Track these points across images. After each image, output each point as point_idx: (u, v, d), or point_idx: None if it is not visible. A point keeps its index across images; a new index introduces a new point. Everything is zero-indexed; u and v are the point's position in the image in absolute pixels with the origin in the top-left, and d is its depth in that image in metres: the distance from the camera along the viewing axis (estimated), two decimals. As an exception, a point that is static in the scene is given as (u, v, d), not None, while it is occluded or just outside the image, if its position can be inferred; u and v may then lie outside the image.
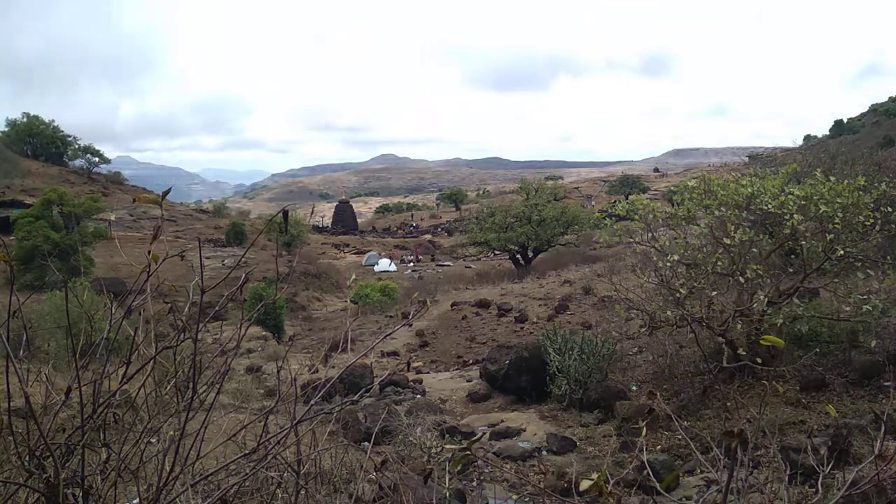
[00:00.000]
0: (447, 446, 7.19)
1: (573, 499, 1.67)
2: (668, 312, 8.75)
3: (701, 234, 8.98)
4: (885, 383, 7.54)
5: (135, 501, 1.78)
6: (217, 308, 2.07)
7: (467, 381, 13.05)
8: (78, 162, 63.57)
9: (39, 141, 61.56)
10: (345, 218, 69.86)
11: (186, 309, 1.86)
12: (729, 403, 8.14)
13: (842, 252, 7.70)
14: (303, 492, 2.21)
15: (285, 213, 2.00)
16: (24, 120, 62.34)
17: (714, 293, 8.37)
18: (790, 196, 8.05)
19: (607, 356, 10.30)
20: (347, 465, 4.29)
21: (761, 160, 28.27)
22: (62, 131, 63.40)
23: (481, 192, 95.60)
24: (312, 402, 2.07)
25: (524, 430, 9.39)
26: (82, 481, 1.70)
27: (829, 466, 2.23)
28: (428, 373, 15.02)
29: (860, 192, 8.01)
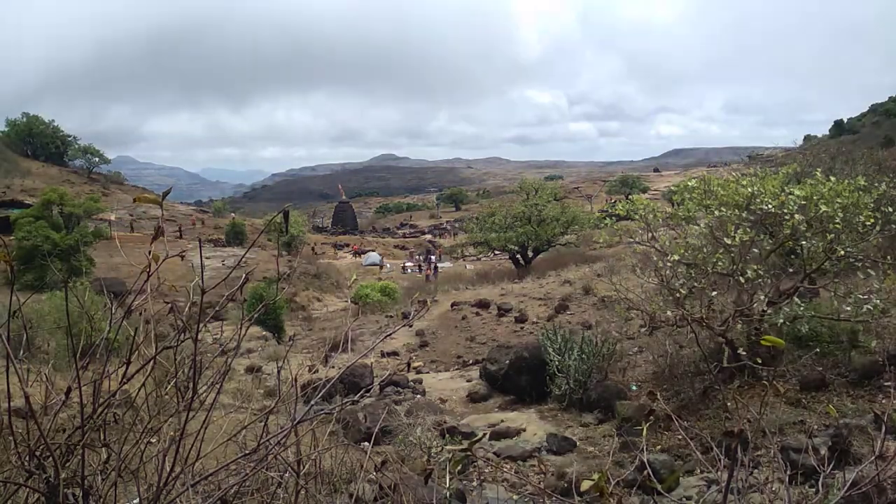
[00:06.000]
0: (447, 446, 7.19)
1: (573, 499, 1.67)
2: (668, 312, 8.74)
3: (701, 234, 8.97)
4: (885, 383, 7.53)
5: (135, 501, 1.77)
6: (217, 308, 2.06)
7: (467, 381, 13.05)
8: (78, 162, 63.64)
9: (39, 141, 61.59)
10: (345, 218, 69.97)
11: (186, 309, 1.85)
12: (729, 403, 8.13)
13: (842, 252, 7.70)
14: (303, 492, 2.21)
15: (285, 213, 1.99)
16: (24, 120, 62.34)
17: (714, 293, 8.37)
18: (790, 196, 8.04)
19: (607, 356, 10.30)
20: (347, 465, 4.29)
21: (761, 160, 28.29)
22: (62, 131, 63.47)
23: (481, 192, 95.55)
24: (312, 402, 2.07)
25: (524, 430, 9.39)
26: (82, 481, 1.69)
27: (830, 466, 2.23)
28: (428, 373, 15.01)
29: (860, 192, 8.00)
